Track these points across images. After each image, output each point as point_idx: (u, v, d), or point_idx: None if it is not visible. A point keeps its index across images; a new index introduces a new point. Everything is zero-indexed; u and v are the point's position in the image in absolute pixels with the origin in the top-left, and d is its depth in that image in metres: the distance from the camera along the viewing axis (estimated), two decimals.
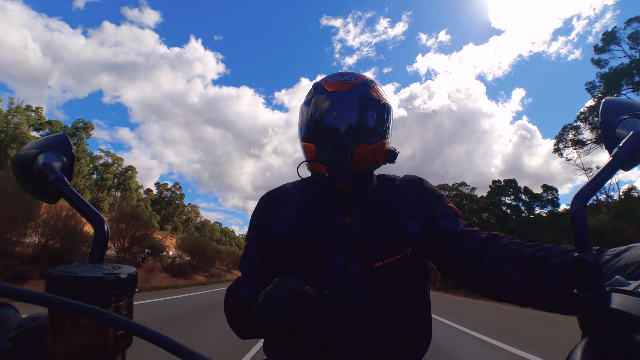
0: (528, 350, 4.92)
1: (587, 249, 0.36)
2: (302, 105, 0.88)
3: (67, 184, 0.45)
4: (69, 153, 0.52)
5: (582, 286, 0.35)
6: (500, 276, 0.63)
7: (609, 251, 0.46)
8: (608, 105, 0.47)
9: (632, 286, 0.34)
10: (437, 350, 4.82)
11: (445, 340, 5.69)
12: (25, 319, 0.38)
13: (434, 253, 0.78)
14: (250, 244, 0.85)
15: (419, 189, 0.86)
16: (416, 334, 0.77)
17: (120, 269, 0.33)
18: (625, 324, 0.31)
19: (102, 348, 0.31)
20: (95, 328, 0.30)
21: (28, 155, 0.49)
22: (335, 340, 0.72)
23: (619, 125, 0.44)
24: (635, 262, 0.41)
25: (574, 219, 0.37)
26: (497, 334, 6.34)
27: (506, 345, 5.33)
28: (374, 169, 0.85)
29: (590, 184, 0.39)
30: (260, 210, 0.88)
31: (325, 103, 0.81)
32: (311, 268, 0.76)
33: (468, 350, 5.07)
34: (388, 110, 0.85)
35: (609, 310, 0.32)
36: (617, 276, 0.36)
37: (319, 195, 0.85)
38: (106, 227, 0.40)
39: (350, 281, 0.74)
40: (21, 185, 0.52)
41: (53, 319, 0.30)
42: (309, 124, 0.83)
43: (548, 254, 0.55)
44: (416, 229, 0.80)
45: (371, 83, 0.85)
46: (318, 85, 0.85)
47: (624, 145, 0.41)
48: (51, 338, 0.30)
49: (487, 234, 0.72)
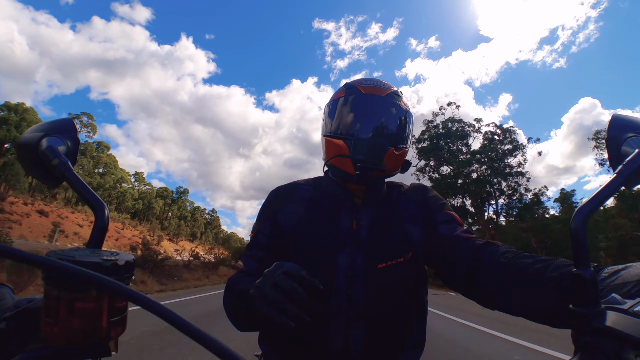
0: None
1: (585, 265, 0.36)
2: (330, 101, 0.90)
3: (70, 168, 0.45)
4: (73, 137, 0.52)
5: (578, 302, 0.35)
6: (495, 285, 0.63)
7: (606, 269, 0.46)
8: (615, 122, 0.47)
9: (628, 305, 0.34)
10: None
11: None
12: (21, 300, 0.38)
13: (431, 257, 0.80)
14: (256, 235, 0.86)
15: (422, 196, 0.88)
16: (412, 338, 0.79)
17: (119, 255, 0.33)
18: (618, 342, 0.31)
19: (95, 333, 0.31)
20: (90, 312, 0.30)
21: (32, 138, 0.49)
22: (333, 338, 0.73)
23: (625, 143, 0.44)
24: (632, 281, 0.40)
25: (575, 235, 0.37)
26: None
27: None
28: (391, 175, 0.87)
29: (592, 200, 0.39)
30: (270, 203, 0.89)
31: (360, 104, 0.83)
32: (316, 263, 0.77)
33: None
34: (411, 120, 0.88)
35: (603, 328, 0.32)
36: (614, 294, 0.36)
37: (331, 193, 0.87)
38: (106, 212, 0.40)
39: (353, 280, 0.75)
40: (24, 168, 0.52)
41: (48, 301, 0.30)
42: (340, 121, 0.84)
43: (545, 267, 0.55)
44: (417, 234, 0.82)
45: (401, 93, 0.88)
46: (351, 85, 0.87)
47: (628, 164, 0.41)
48: (45, 320, 0.30)
49: (484, 241, 0.72)
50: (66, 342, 0.30)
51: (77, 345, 0.30)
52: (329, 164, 0.86)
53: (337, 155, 0.82)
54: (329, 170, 0.89)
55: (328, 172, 0.90)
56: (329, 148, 0.85)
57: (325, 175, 0.90)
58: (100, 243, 0.38)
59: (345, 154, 0.80)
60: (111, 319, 0.31)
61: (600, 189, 0.40)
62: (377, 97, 0.83)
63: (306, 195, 0.88)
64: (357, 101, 0.83)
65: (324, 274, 0.75)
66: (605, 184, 0.40)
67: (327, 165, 0.87)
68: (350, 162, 0.79)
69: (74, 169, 0.45)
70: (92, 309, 0.30)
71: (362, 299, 0.74)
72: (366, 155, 0.77)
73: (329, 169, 0.89)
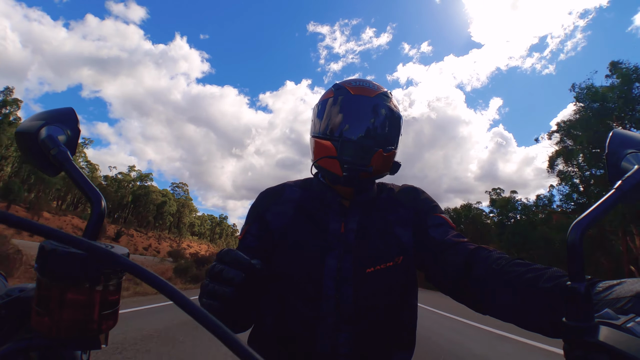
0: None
1: (580, 279, 0.36)
2: (319, 102, 0.89)
3: (69, 158, 0.45)
4: (74, 127, 0.52)
5: (571, 315, 0.35)
6: (486, 290, 0.63)
7: (601, 283, 0.46)
8: (615, 137, 0.47)
9: (621, 321, 0.34)
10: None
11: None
12: (13, 288, 0.37)
13: (422, 261, 0.79)
14: (245, 237, 0.84)
15: (414, 199, 0.87)
16: (401, 341, 0.78)
17: (113, 248, 0.33)
18: (610, 357, 0.31)
19: (86, 325, 0.30)
20: (82, 304, 0.30)
21: (32, 127, 0.49)
22: (321, 343, 0.72)
23: (625, 159, 0.44)
24: (626, 297, 0.40)
25: (571, 248, 0.37)
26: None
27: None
28: (380, 177, 0.86)
29: (589, 214, 0.39)
30: (258, 204, 0.88)
31: (348, 104, 0.82)
32: (304, 267, 0.76)
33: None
34: (401, 122, 0.87)
35: (596, 343, 0.32)
36: (607, 309, 0.36)
37: (319, 195, 0.86)
38: (103, 204, 0.40)
39: (342, 284, 0.74)
40: (23, 156, 0.52)
41: (40, 291, 0.30)
42: (328, 121, 0.84)
43: (538, 276, 0.55)
44: (407, 238, 0.81)
45: (390, 94, 0.87)
46: (340, 86, 0.86)
47: (628, 179, 0.41)
48: (36, 310, 0.30)
49: (476, 246, 0.72)
50: (56, 333, 0.30)
51: (67, 336, 0.30)
52: (318, 165, 0.85)
53: (325, 156, 0.81)
54: (319, 172, 0.88)
55: (318, 174, 0.89)
56: (317, 149, 0.84)
57: (315, 176, 0.89)
58: (97, 234, 0.38)
59: (333, 155, 0.79)
60: (103, 312, 0.31)
61: (598, 203, 0.40)
62: (366, 98, 0.82)
63: (295, 197, 0.87)
64: (346, 102, 0.82)
65: (313, 278, 0.74)
66: (604, 198, 0.40)
67: (316, 167, 0.86)
68: (337, 163, 0.78)
69: (72, 158, 0.45)
70: (84, 301, 0.30)
71: (351, 303, 0.73)
72: (353, 157, 0.76)
73: (318, 171, 0.88)
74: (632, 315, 0.34)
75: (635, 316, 0.34)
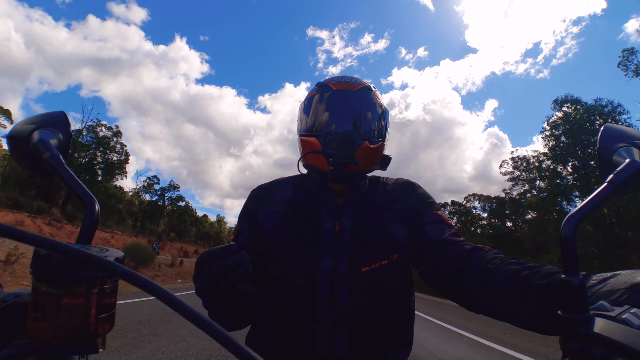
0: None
1: (574, 273, 0.36)
2: (304, 101, 0.88)
3: (62, 161, 0.45)
4: (65, 131, 0.51)
5: (567, 309, 0.36)
6: (481, 290, 0.62)
7: (595, 276, 0.47)
8: (607, 132, 0.48)
9: (616, 312, 0.34)
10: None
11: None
12: (8, 294, 0.37)
13: (418, 259, 0.78)
14: (237, 237, 0.83)
15: (409, 194, 0.85)
16: (399, 340, 0.77)
17: (108, 252, 0.33)
18: (606, 349, 0.31)
19: (83, 329, 0.30)
20: (78, 309, 0.30)
21: (24, 130, 0.49)
22: (318, 345, 0.71)
23: (616, 153, 0.45)
24: (620, 289, 0.41)
25: (564, 243, 0.37)
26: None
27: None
28: (369, 171, 0.85)
29: (582, 209, 0.39)
30: (250, 203, 0.86)
31: (331, 100, 0.82)
32: (299, 268, 0.75)
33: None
34: (386, 115, 0.86)
35: (591, 334, 0.32)
36: (602, 301, 0.36)
37: (311, 193, 0.84)
38: (97, 207, 0.39)
39: (337, 284, 0.73)
40: (16, 160, 0.52)
41: (36, 297, 0.30)
42: (312, 118, 0.83)
43: (533, 274, 0.55)
44: (403, 235, 0.79)
45: (374, 88, 0.86)
46: (323, 84, 0.86)
47: (619, 173, 0.41)
48: (32, 315, 0.30)
49: (472, 245, 0.71)
50: (53, 338, 0.30)
51: (64, 341, 0.30)
52: (307, 164, 0.84)
53: (310, 151, 0.80)
54: (311, 171, 0.86)
55: (312, 173, 0.87)
56: (303, 147, 0.84)
57: (308, 174, 0.88)
58: (90, 238, 0.37)
59: (318, 150, 0.78)
60: (99, 316, 0.31)
61: (590, 197, 0.40)
62: (349, 92, 0.82)
63: (287, 194, 0.86)
64: (329, 98, 0.82)
65: (307, 279, 0.73)
66: (596, 192, 0.40)
67: (305, 166, 0.85)
68: (323, 158, 0.77)
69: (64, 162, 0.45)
70: (81, 306, 0.30)
71: (347, 304, 0.72)
72: (337, 149, 0.75)
73: (308, 170, 0.86)
74: (626, 307, 0.35)
75: (629, 307, 0.35)
